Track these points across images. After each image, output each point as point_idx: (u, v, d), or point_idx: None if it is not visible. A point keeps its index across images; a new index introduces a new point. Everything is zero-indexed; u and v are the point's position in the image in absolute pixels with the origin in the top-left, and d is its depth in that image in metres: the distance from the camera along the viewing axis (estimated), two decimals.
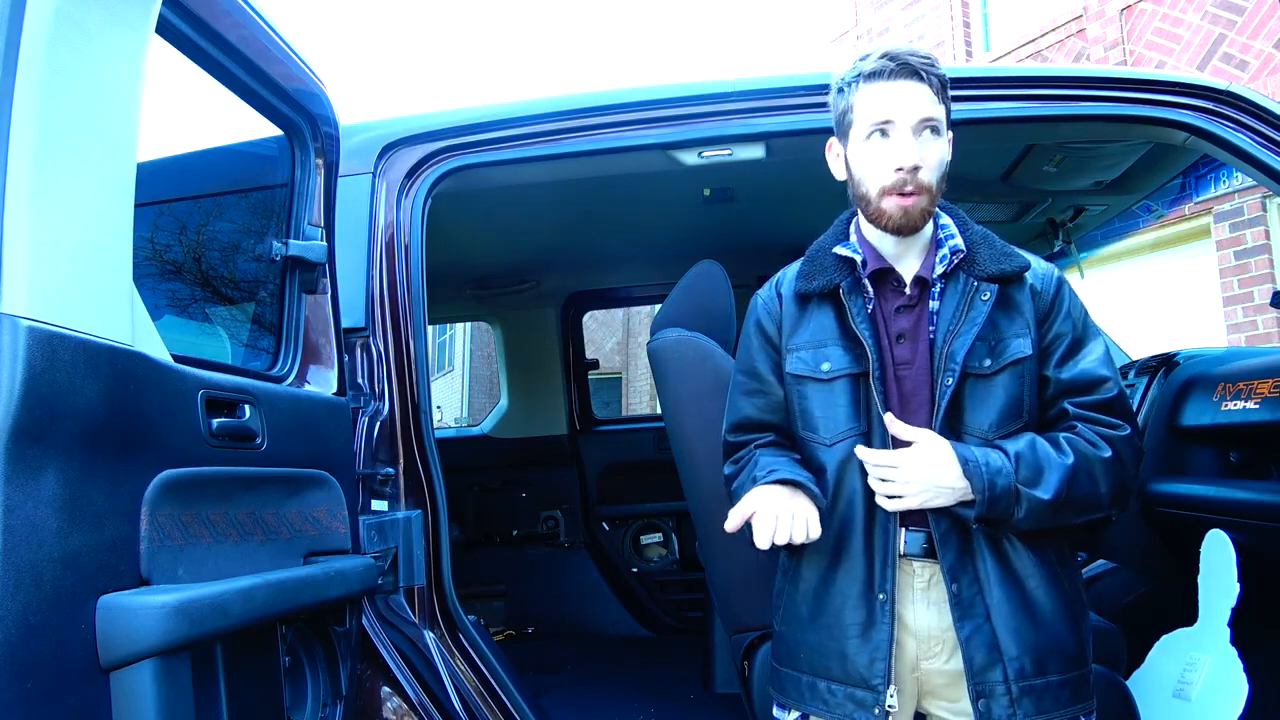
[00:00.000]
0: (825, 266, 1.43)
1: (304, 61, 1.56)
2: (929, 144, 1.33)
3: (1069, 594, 1.35)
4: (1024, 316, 1.37)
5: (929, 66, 1.33)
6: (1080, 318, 1.41)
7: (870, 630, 1.32)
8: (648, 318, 12.66)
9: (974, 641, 1.30)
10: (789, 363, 1.44)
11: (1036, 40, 7.48)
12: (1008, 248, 1.41)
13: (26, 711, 0.90)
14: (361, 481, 1.73)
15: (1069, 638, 1.33)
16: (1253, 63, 5.91)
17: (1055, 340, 1.38)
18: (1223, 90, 1.89)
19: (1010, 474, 1.28)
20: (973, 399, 1.34)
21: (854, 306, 1.38)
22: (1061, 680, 1.31)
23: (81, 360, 0.97)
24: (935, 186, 1.35)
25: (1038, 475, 1.29)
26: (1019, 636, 1.30)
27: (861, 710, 1.32)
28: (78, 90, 1.01)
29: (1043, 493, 1.28)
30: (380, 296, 1.86)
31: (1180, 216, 6.24)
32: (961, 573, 1.32)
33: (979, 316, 1.34)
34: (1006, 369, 1.34)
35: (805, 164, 2.12)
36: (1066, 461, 1.31)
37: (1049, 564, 1.34)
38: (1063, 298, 1.40)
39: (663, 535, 3.83)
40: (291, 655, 1.42)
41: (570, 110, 2.00)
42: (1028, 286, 1.39)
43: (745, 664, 1.95)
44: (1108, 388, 1.36)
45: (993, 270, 1.37)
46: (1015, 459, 1.30)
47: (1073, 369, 1.37)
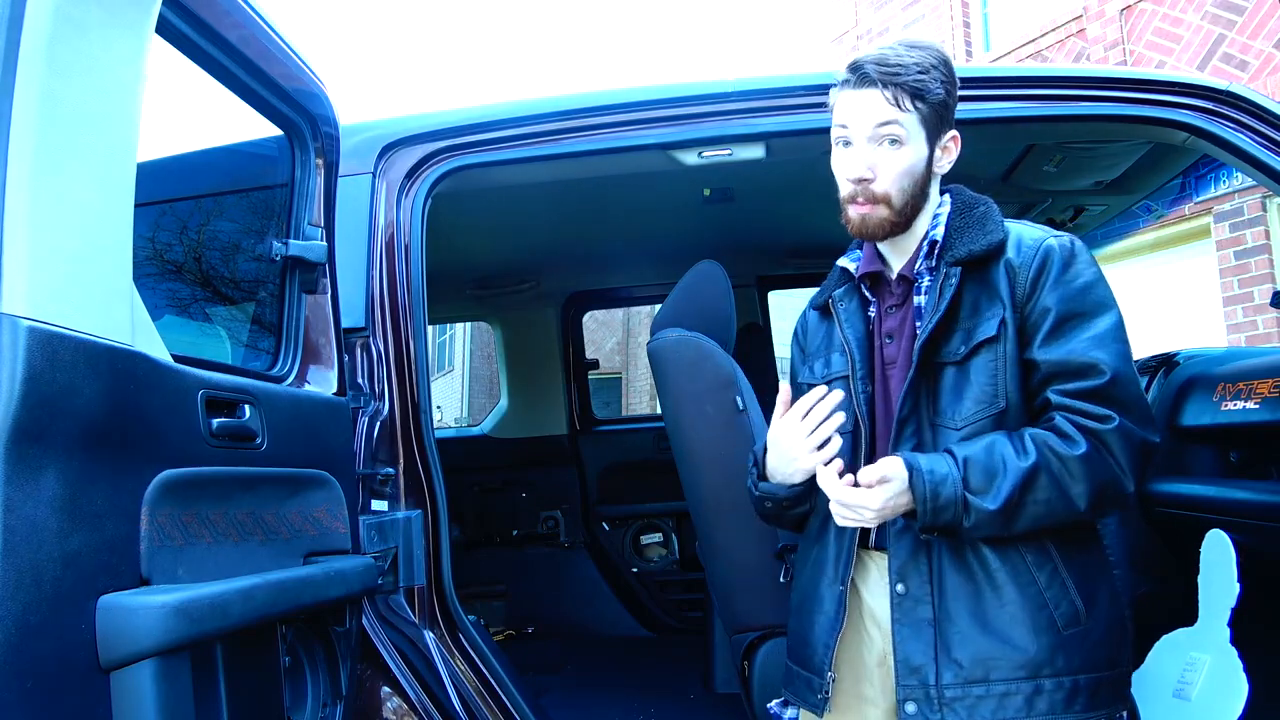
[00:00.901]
0: (832, 279, 1.51)
1: (304, 61, 1.56)
2: (887, 154, 1.32)
3: (1047, 596, 1.27)
4: (1000, 296, 1.30)
5: (890, 74, 1.30)
6: (1077, 292, 1.29)
7: (830, 619, 1.36)
8: (648, 318, 12.66)
9: (911, 643, 1.28)
10: (802, 373, 1.53)
11: (1036, 40, 7.48)
12: (996, 224, 1.36)
13: (26, 711, 0.90)
14: (361, 481, 1.73)
15: (1029, 643, 1.25)
16: (1253, 63, 5.91)
17: (1040, 317, 1.29)
18: (1223, 90, 1.88)
19: (957, 482, 1.23)
20: (948, 389, 1.32)
21: (843, 314, 1.45)
22: (1009, 689, 1.24)
23: (81, 360, 0.97)
24: (897, 196, 1.33)
25: (988, 482, 1.23)
26: (963, 640, 1.26)
27: (810, 694, 1.38)
28: (78, 90, 1.01)
29: (989, 502, 1.22)
30: (380, 296, 1.86)
31: (1180, 216, 6.24)
32: (912, 572, 1.30)
33: (943, 304, 1.31)
34: (978, 353, 1.30)
35: (805, 164, 2.12)
36: (1023, 465, 1.23)
37: (1019, 564, 1.28)
38: (1049, 270, 1.29)
39: (663, 535, 3.83)
40: (291, 655, 1.42)
41: (570, 110, 1.99)
42: (1002, 263, 1.32)
43: (745, 664, 1.95)
44: (1098, 372, 1.25)
45: (961, 253, 1.33)
46: (964, 465, 1.24)
47: (1057, 350, 1.27)
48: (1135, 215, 3.13)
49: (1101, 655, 1.29)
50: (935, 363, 1.32)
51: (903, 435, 1.33)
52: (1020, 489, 1.23)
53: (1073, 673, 1.26)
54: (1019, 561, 1.28)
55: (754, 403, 1.99)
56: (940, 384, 1.33)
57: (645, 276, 3.84)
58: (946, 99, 1.35)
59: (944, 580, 1.29)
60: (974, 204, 1.40)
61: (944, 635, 1.27)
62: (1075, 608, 1.28)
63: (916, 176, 1.34)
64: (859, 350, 1.40)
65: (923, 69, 1.32)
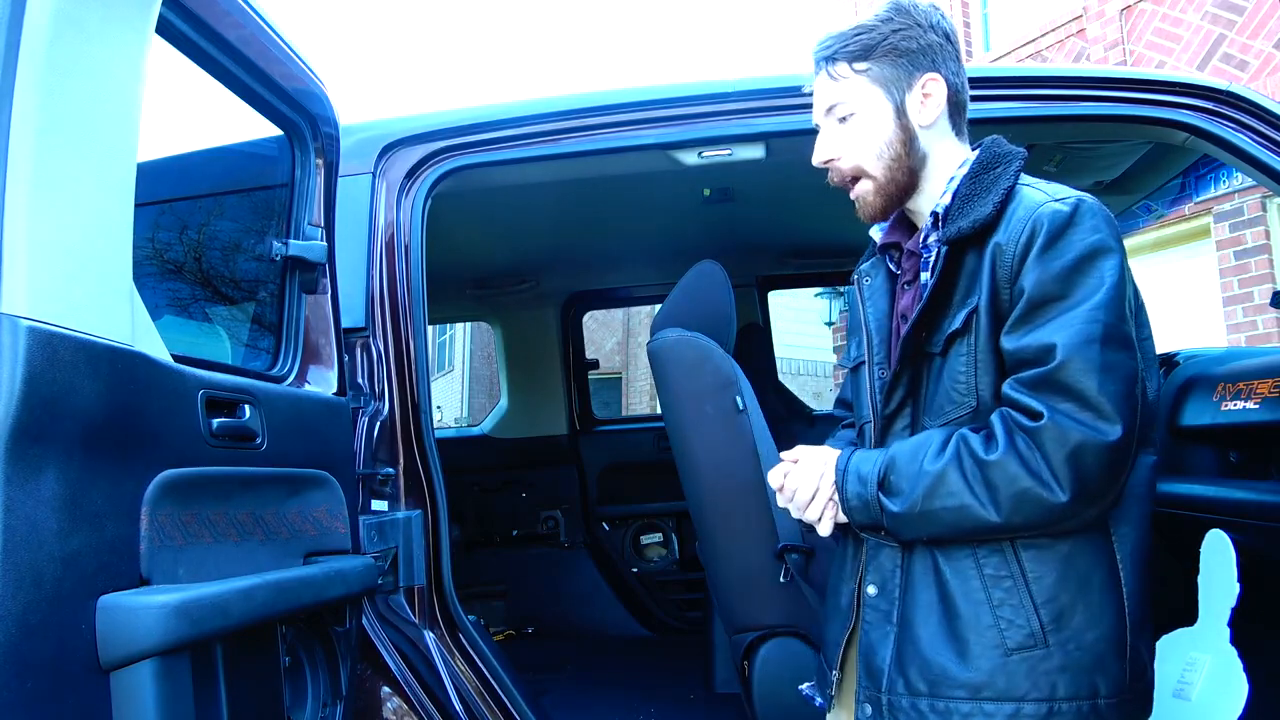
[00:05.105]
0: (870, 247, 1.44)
1: (304, 61, 1.56)
2: (840, 131, 1.29)
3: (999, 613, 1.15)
4: (980, 280, 1.17)
5: (825, 52, 1.27)
6: (1058, 272, 1.12)
7: (844, 615, 1.36)
8: (648, 318, 12.66)
9: (875, 647, 1.25)
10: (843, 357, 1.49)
11: (1036, 40, 7.48)
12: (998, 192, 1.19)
13: (27, 711, 0.90)
14: (361, 481, 1.73)
15: (970, 664, 1.15)
16: (1253, 63, 5.91)
17: (1014, 301, 1.14)
18: (1223, 90, 1.88)
19: (872, 483, 1.21)
20: (930, 382, 1.24)
21: (866, 290, 1.38)
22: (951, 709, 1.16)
23: (81, 360, 0.97)
24: (872, 165, 1.27)
25: (901, 484, 1.18)
26: (915, 651, 1.19)
27: (825, 687, 1.40)
28: (78, 90, 1.01)
29: (894, 505, 1.18)
30: (380, 296, 1.86)
31: (1180, 216, 6.24)
32: (884, 576, 1.26)
33: (926, 291, 1.21)
34: (951, 345, 1.20)
35: (805, 164, 2.10)
36: (933, 469, 1.16)
37: (972, 580, 1.17)
38: (1035, 246, 1.13)
39: (663, 535, 3.83)
40: (291, 655, 1.42)
41: (570, 110, 1.99)
42: (991, 242, 1.17)
43: (745, 664, 1.95)
44: (1049, 358, 1.09)
45: (950, 230, 1.20)
46: (887, 465, 1.20)
47: (1023, 336, 1.13)
48: (1135, 215, 3.13)
49: (1064, 681, 1.14)
50: (926, 352, 1.23)
51: (891, 430, 1.27)
52: (926, 494, 1.16)
53: (1016, 699, 1.13)
54: (972, 573, 1.17)
55: (754, 403, 1.99)
56: (929, 375, 1.24)
57: (645, 276, 3.84)
58: (903, 44, 1.25)
59: (911, 587, 1.23)
60: (993, 163, 1.24)
61: (900, 644, 1.22)
62: (1031, 628, 1.14)
63: (887, 138, 1.26)
64: (878, 333, 1.32)
65: (865, 28, 1.26)
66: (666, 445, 2.28)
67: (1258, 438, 2.13)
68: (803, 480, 1.30)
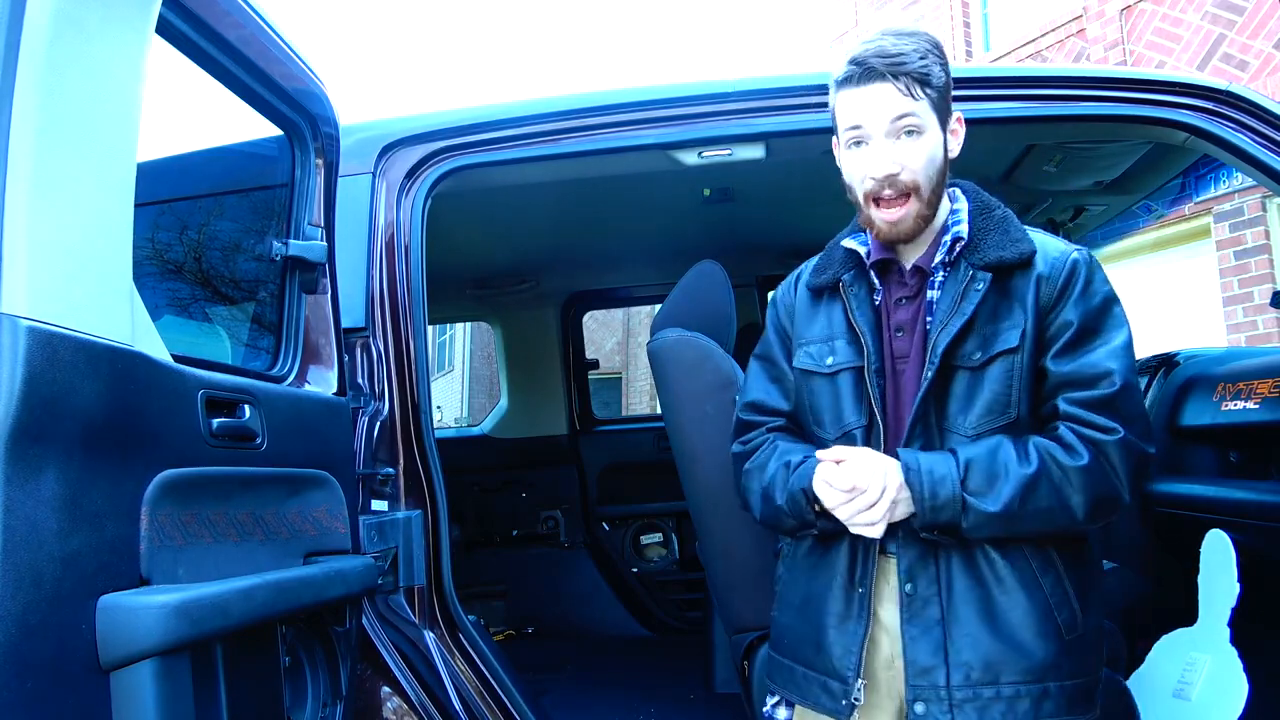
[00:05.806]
0: (835, 260, 1.46)
1: (304, 61, 1.56)
2: (907, 145, 1.30)
3: (1052, 602, 1.28)
4: (1024, 306, 1.31)
5: (897, 64, 1.28)
6: (1098, 306, 1.31)
7: (847, 622, 1.34)
8: (648, 318, 12.66)
9: (919, 644, 1.28)
10: (797, 358, 1.46)
11: (1036, 40, 7.48)
12: (1021, 233, 1.35)
13: (27, 711, 0.90)
14: (361, 481, 1.73)
15: (1037, 647, 1.26)
16: (1253, 63, 5.91)
17: (1060, 329, 1.30)
18: (1222, 90, 1.88)
19: (955, 482, 1.24)
20: (959, 394, 1.31)
21: (854, 300, 1.40)
22: (1019, 691, 1.25)
23: (81, 360, 0.97)
24: (925, 184, 1.31)
25: (989, 485, 1.24)
26: (973, 642, 1.26)
27: (829, 699, 1.34)
28: (78, 90, 1.01)
29: (989, 505, 1.23)
30: (380, 296, 1.86)
31: (1180, 216, 6.24)
32: (920, 573, 1.30)
33: (969, 307, 1.30)
34: (995, 361, 1.29)
35: (805, 164, 2.12)
36: (1025, 471, 1.24)
37: (1026, 570, 1.29)
38: (1075, 283, 1.31)
39: (663, 535, 3.83)
40: (291, 655, 1.42)
41: (570, 110, 1.99)
42: (1034, 274, 1.31)
43: (745, 664, 1.95)
44: (1108, 383, 1.26)
45: (991, 258, 1.32)
46: (965, 467, 1.25)
47: (1074, 361, 1.29)
48: (1135, 215, 3.13)
49: (1092, 660, 1.32)
50: (950, 365, 1.31)
51: (913, 435, 1.32)
52: (1021, 495, 1.24)
53: (1074, 677, 1.28)
54: (1025, 566, 1.29)
55: None
56: (952, 387, 1.31)
57: (645, 276, 3.84)
58: (948, 81, 1.35)
59: (952, 582, 1.29)
60: (992, 206, 1.39)
61: (952, 637, 1.27)
62: (1075, 614, 1.30)
63: (939, 163, 1.33)
64: (874, 342, 1.36)
65: (922, 55, 1.30)
66: (666, 445, 2.28)
67: (1258, 438, 2.13)
68: (871, 477, 1.26)
